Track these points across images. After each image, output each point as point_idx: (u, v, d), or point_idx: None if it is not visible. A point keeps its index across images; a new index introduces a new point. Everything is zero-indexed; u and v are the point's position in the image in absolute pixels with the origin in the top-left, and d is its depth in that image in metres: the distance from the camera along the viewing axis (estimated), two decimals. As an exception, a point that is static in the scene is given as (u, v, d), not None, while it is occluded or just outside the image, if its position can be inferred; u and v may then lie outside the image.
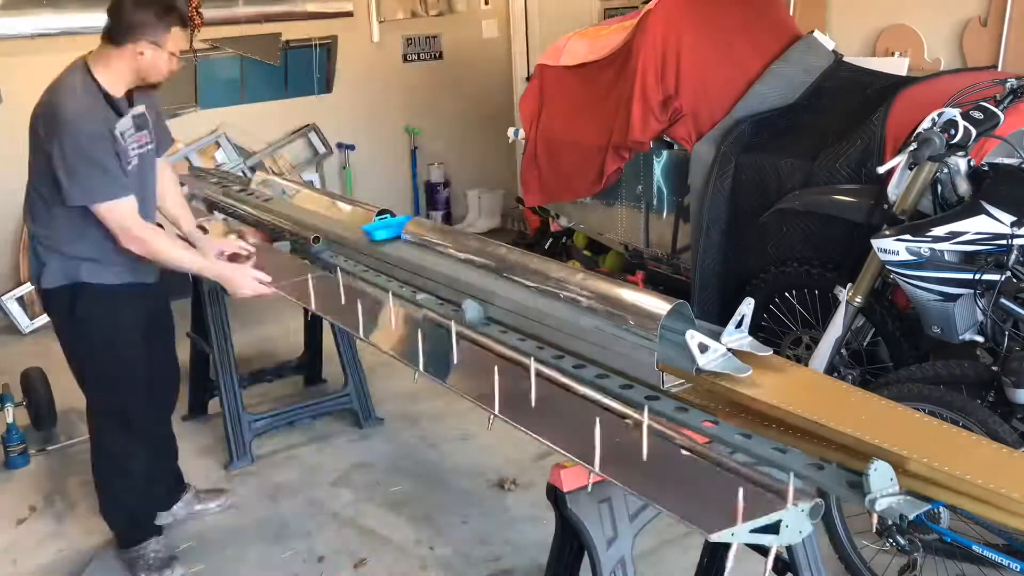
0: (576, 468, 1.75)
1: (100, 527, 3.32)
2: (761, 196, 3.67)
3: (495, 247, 2.61)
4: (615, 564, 1.80)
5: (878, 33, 4.61)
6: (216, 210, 3.99)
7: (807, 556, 1.90)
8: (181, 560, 3.10)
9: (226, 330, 3.74)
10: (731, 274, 3.89)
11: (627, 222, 4.45)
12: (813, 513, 1.53)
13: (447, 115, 7.25)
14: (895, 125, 3.25)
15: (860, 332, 3.23)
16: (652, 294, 2.08)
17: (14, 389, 4.06)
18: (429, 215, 7.20)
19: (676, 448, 1.76)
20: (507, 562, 3.01)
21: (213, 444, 3.91)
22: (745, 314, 1.96)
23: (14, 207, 5.64)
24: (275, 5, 6.32)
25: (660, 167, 4.23)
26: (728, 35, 4.14)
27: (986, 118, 2.80)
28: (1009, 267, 2.64)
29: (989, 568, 2.50)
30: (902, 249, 2.76)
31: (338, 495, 3.50)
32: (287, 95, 6.57)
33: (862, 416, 1.74)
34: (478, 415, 1.99)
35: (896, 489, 1.53)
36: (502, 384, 2.00)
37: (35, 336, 5.51)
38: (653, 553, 2.94)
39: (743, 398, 1.87)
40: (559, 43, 4.77)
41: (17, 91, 5.54)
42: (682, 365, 1.94)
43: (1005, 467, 1.60)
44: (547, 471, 1.79)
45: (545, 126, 4.69)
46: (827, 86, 3.99)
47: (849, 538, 2.69)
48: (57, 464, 3.88)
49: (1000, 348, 2.66)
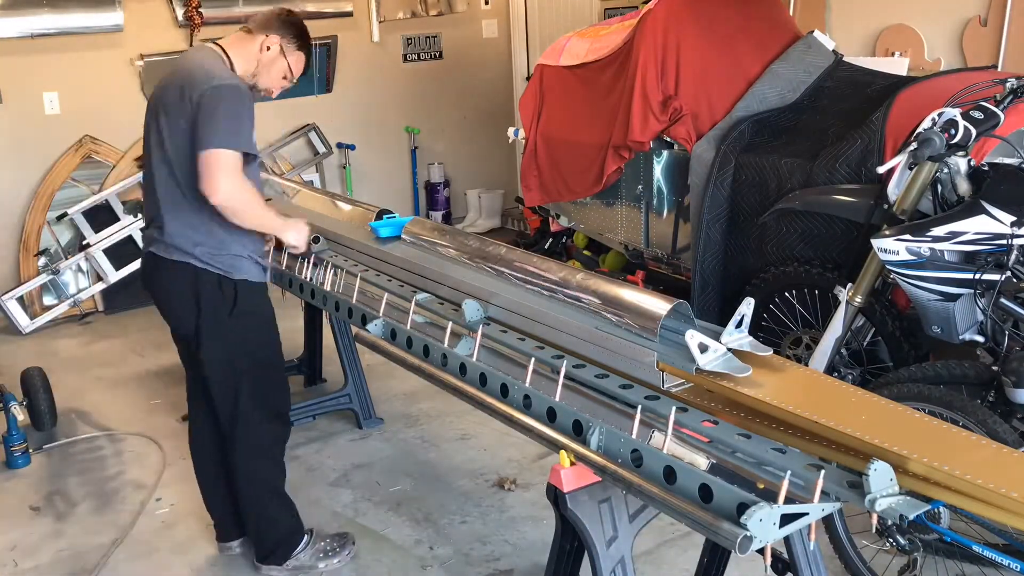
0: (576, 468, 1.76)
1: (100, 527, 3.33)
2: (761, 196, 3.67)
3: (495, 247, 2.62)
4: (615, 564, 1.81)
5: (878, 33, 4.61)
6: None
7: (807, 556, 1.90)
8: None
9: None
10: (731, 274, 3.89)
11: (627, 222, 4.45)
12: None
13: (447, 115, 7.25)
14: (895, 125, 3.25)
15: (860, 332, 3.23)
16: (652, 294, 2.08)
17: (14, 389, 4.06)
18: (429, 215, 7.20)
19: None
20: (507, 562, 3.01)
21: (213, 444, 3.91)
22: (745, 314, 1.96)
23: (14, 207, 5.70)
24: (275, 5, 6.31)
25: (660, 167, 4.23)
26: (728, 35, 4.14)
27: (986, 118, 2.80)
28: (1009, 267, 2.64)
29: (989, 568, 2.50)
30: (902, 249, 2.76)
31: (338, 495, 3.50)
32: (287, 95, 6.56)
33: (862, 416, 1.75)
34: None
35: (896, 489, 1.53)
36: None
37: (35, 336, 5.51)
38: (653, 553, 2.94)
39: (743, 398, 1.87)
40: (559, 43, 4.77)
41: (17, 91, 5.56)
42: (682, 365, 1.94)
43: (1005, 467, 1.60)
44: (547, 471, 1.79)
45: (545, 126, 4.69)
46: (827, 86, 3.99)
47: (849, 538, 2.69)
48: (57, 464, 3.88)
49: (1000, 348, 2.66)
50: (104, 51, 5.78)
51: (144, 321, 5.66)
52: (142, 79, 5.92)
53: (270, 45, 2.73)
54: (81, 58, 5.72)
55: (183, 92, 2.55)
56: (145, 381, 4.69)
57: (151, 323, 5.60)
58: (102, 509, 3.48)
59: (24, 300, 5.58)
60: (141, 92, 5.93)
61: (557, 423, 1.86)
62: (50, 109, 5.66)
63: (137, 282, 3.10)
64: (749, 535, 1.41)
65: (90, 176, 5.85)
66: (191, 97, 2.53)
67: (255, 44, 2.73)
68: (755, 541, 1.43)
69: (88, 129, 5.76)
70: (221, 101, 2.51)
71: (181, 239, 2.66)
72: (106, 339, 5.42)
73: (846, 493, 1.55)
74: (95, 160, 5.84)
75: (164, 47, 5.96)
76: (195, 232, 2.65)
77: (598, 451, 1.74)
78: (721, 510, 1.48)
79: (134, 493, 3.59)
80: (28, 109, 5.59)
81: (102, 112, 5.79)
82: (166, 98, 2.63)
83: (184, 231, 2.65)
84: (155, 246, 2.71)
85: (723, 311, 3.88)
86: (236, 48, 2.74)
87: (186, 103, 2.54)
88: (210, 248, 2.66)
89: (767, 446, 1.70)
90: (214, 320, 2.71)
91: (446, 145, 7.31)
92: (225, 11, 6.10)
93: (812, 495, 1.51)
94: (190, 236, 2.65)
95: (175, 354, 3.08)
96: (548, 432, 1.86)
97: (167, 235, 2.67)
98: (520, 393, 1.97)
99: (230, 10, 6.12)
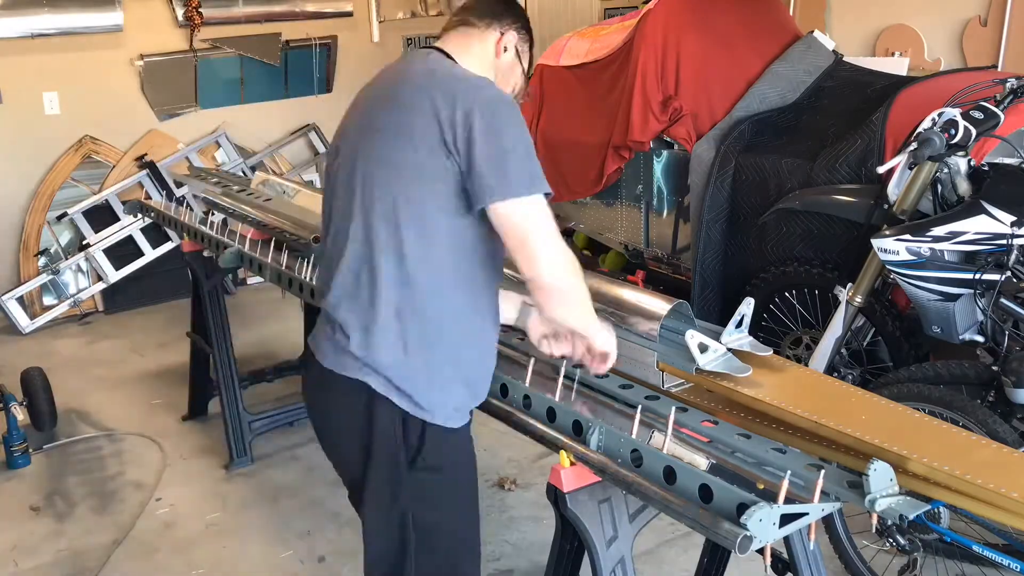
0: (576, 468, 1.75)
1: (100, 527, 3.33)
2: (761, 196, 3.67)
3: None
4: (615, 564, 1.80)
5: (878, 33, 4.61)
6: (216, 210, 3.98)
7: (807, 556, 1.90)
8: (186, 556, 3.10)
9: (226, 330, 3.74)
10: (731, 274, 3.89)
11: (627, 222, 4.45)
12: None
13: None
14: (895, 125, 3.25)
15: (860, 332, 3.23)
16: (652, 294, 2.08)
17: (14, 389, 4.06)
18: (429, 215, 7.19)
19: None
20: (507, 562, 3.00)
21: (213, 444, 3.91)
22: (745, 314, 1.96)
23: (14, 207, 5.70)
24: (275, 5, 6.32)
25: (660, 167, 4.23)
26: (728, 35, 4.14)
27: (986, 118, 2.80)
28: (1009, 267, 2.64)
29: (989, 568, 2.50)
30: (902, 249, 2.76)
31: (338, 495, 3.49)
32: (287, 95, 6.57)
33: (862, 416, 1.75)
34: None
35: (896, 489, 1.53)
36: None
37: (35, 336, 5.51)
38: (653, 553, 2.94)
39: (743, 398, 1.87)
40: (559, 43, 4.77)
41: (17, 91, 5.55)
42: (682, 365, 1.94)
43: (1005, 467, 1.60)
44: (547, 471, 1.79)
45: (545, 126, 4.69)
46: (827, 86, 3.99)
47: (849, 538, 2.69)
48: (57, 464, 3.88)
49: (1000, 348, 2.66)
50: (104, 51, 5.77)
51: (144, 321, 5.67)
52: (142, 79, 5.93)
53: (507, 45, 1.92)
54: (81, 58, 5.72)
55: (424, 105, 1.71)
56: (145, 381, 4.69)
57: (151, 323, 5.61)
58: (102, 509, 3.48)
59: (24, 300, 5.58)
60: (141, 92, 5.94)
61: (557, 423, 1.86)
62: (50, 109, 5.66)
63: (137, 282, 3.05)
64: (749, 535, 1.41)
65: (90, 176, 5.84)
66: (437, 112, 1.69)
67: (487, 43, 1.91)
68: (755, 541, 1.43)
69: (88, 129, 5.76)
70: (506, 140, 1.68)
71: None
72: (106, 339, 5.42)
73: (846, 493, 1.55)
74: (95, 160, 5.83)
75: (164, 47, 5.97)
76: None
77: (598, 451, 1.74)
78: (721, 510, 1.48)
79: (134, 493, 3.59)
80: (28, 109, 5.59)
81: (102, 112, 5.79)
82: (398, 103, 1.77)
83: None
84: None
85: (723, 311, 3.88)
86: (465, 51, 1.89)
87: (431, 120, 1.69)
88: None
89: (767, 446, 1.70)
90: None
91: (446, 145, 7.30)
92: (225, 11, 6.10)
93: (812, 495, 1.51)
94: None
95: (175, 354, 3.09)
96: (548, 432, 1.86)
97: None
98: (520, 393, 1.97)
99: (230, 10, 6.12)
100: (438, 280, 1.75)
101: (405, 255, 1.72)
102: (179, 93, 6.08)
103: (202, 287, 3.74)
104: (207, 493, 3.56)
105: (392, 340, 1.75)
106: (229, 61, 6.24)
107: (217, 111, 6.24)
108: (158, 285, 5.86)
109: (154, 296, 5.89)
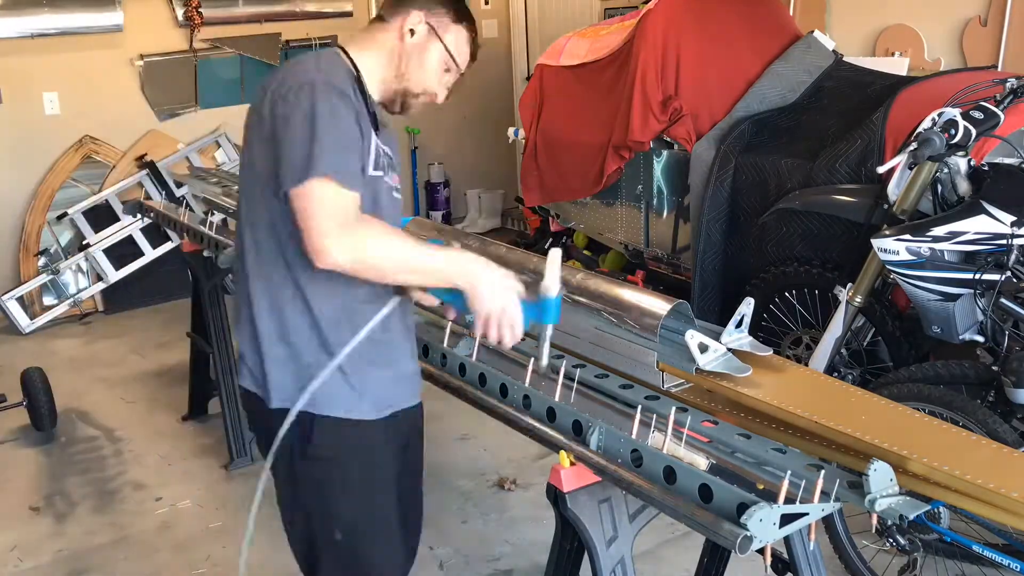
0: (576, 468, 1.75)
1: (100, 527, 3.33)
2: (761, 196, 3.67)
3: (495, 247, 2.61)
4: (615, 564, 1.80)
5: (878, 33, 4.60)
6: (216, 210, 3.99)
7: (807, 556, 1.89)
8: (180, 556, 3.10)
9: (226, 330, 3.73)
10: (731, 274, 3.89)
11: (627, 222, 4.45)
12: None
13: (447, 115, 7.23)
14: (895, 125, 3.25)
15: (860, 332, 3.23)
16: (652, 294, 2.08)
17: (14, 389, 4.06)
18: (429, 215, 7.20)
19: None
20: (507, 562, 3.00)
21: (213, 444, 3.91)
22: (745, 314, 1.96)
23: (14, 207, 5.70)
24: (275, 5, 6.33)
25: (660, 167, 4.23)
26: (728, 35, 4.14)
27: (986, 118, 2.80)
28: (1009, 267, 2.64)
29: (989, 568, 2.50)
30: (902, 249, 2.76)
31: (338, 495, 3.50)
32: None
33: (862, 416, 1.75)
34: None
35: (896, 489, 1.53)
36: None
37: (35, 336, 5.51)
38: (653, 553, 2.94)
39: (743, 398, 1.87)
40: (559, 43, 4.77)
41: (17, 91, 5.55)
42: (682, 365, 1.94)
43: (1005, 467, 1.60)
44: (547, 471, 1.79)
45: (545, 126, 4.69)
46: (827, 86, 3.99)
47: (849, 538, 2.69)
48: (57, 464, 3.88)
49: (1000, 348, 2.66)
50: (104, 51, 5.78)
51: (144, 321, 5.67)
52: (142, 79, 5.93)
53: (413, 27, 1.85)
54: (81, 58, 5.72)
55: (262, 110, 1.73)
56: (145, 381, 4.69)
57: (151, 323, 5.61)
58: (102, 509, 3.48)
59: (24, 300, 5.59)
60: (141, 92, 5.94)
61: (557, 423, 1.86)
62: (50, 109, 5.66)
63: (137, 282, 3.02)
64: (749, 535, 1.41)
65: (90, 176, 5.85)
66: (265, 114, 1.72)
67: (391, 33, 1.87)
68: (755, 541, 1.43)
69: (88, 129, 5.76)
70: (297, 123, 1.66)
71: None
72: (106, 339, 5.42)
73: (846, 493, 1.55)
74: (95, 160, 5.84)
75: (164, 47, 5.97)
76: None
77: (598, 451, 1.74)
78: (721, 510, 1.48)
79: (134, 493, 3.59)
80: (28, 109, 5.59)
81: (102, 112, 5.80)
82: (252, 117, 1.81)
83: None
84: None
85: (723, 311, 3.88)
86: (364, 46, 1.87)
87: (262, 121, 1.73)
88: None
89: (767, 446, 1.70)
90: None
91: (446, 145, 7.30)
92: (225, 11, 6.11)
93: (812, 495, 1.51)
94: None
95: (175, 354, 3.09)
96: (548, 432, 1.86)
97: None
98: (520, 393, 1.97)
99: (230, 10, 6.13)
100: (282, 269, 1.76)
101: (260, 251, 1.77)
102: (179, 93, 6.08)
103: (202, 287, 3.75)
104: (207, 493, 3.56)
105: (250, 336, 1.82)
106: (229, 61, 6.24)
107: (217, 111, 6.24)
108: (158, 285, 5.87)
109: (154, 296, 5.89)
